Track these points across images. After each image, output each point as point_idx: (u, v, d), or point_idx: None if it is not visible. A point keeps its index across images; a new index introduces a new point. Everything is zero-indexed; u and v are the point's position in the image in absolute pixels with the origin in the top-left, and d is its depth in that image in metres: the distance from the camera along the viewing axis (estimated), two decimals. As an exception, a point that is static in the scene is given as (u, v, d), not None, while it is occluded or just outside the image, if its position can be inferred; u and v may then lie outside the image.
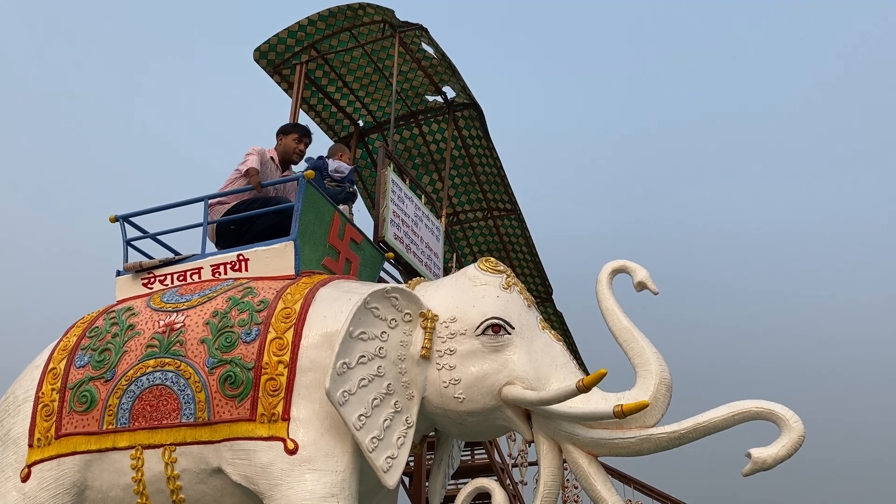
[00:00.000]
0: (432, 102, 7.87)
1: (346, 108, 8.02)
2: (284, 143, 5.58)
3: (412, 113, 7.98)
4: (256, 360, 4.02)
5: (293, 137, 5.59)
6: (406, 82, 7.62)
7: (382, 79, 7.68)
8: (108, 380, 4.31)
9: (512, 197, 8.29)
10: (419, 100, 7.86)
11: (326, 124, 8.17)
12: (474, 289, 4.18)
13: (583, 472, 3.90)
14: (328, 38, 7.24)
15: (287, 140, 5.59)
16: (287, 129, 5.65)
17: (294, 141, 5.59)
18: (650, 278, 4.09)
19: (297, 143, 5.59)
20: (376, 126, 8.22)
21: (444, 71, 7.35)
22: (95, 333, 4.57)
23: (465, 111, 7.70)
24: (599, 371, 3.58)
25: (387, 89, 7.72)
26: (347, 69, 7.61)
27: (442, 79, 7.50)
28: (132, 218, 5.31)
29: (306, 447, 3.83)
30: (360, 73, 7.65)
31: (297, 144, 5.59)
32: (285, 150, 5.55)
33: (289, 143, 5.58)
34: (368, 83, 7.76)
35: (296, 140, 5.59)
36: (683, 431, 3.71)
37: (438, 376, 4.01)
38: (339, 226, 5.09)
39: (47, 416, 4.40)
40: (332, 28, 7.15)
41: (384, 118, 8.07)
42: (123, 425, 4.20)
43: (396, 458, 3.85)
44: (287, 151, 5.55)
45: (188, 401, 4.09)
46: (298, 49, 7.29)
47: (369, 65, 7.54)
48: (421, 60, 7.32)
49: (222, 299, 4.39)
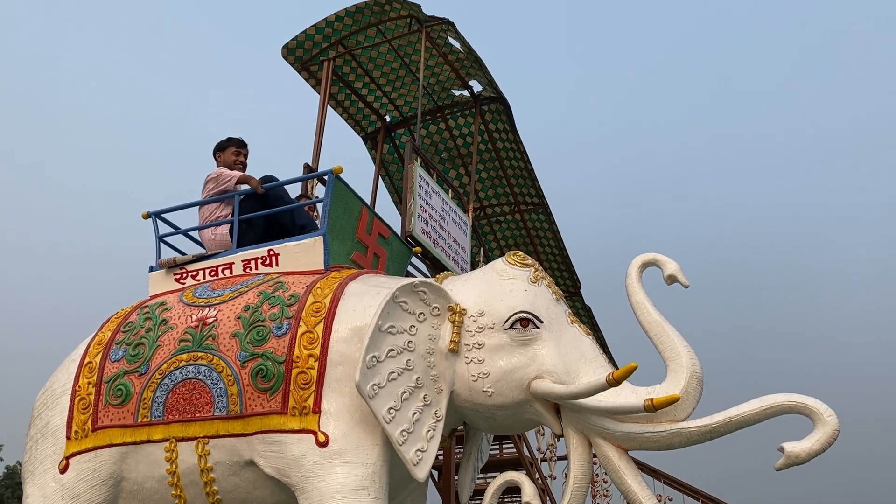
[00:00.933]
0: (459, 97, 7.87)
1: (372, 103, 8.05)
2: (224, 159, 5.54)
3: (439, 107, 7.99)
4: (287, 354, 4.06)
5: (232, 151, 5.54)
6: (432, 77, 7.62)
7: (409, 74, 7.69)
8: (143, 373, 4.38)
9: (539, 191, 8.27)
10: (445, 94, 7.87)
11: (353, 120, 8.20)
12: (502, 283, 4.19)
13: (613, 466, 3.88)
14: (355, 34, 7.26)
15: (226, 155, 5.54)
16: (223, 144, 5.59)
17: (233, 154, 5.54)
18: (680, 271, 4.06)
19: (237, 155, 5.54)
20: (403, 121, 8.23)
21: (471, 65, 7.34)
22: (130, 328, 4.65)
23: (492, 105, 7.69)
24: (629, 365, 3.57)
25: (413, 84, 7.74)
26: (374, 65, 7.63)
27: (468, 73, 7.50)
28: (164, 214, 5.38)
29: (337, 440, 3.87)
30: (387, 69, 7.67)
31: (236, 157, 5.53)
32: (226, 164, 5.50)
33: (228, 157, 5.53)
34: (395, 78, 7.78)
35: (234, 153, 5.54)
36: (715, 425, 3.67)
37: (467, 370, 4.02)
38: (367, 220, 5.12)
39: (84, 409, 4.48)
40: (359, 24, 7.17)
41: (411, 113, 8.08)
42: (158, 418, 4.27)
43: (426, 452, 3.88)
44: (228, 165, 5.49)
45: (221, 394, 4.14)
46: (326, 45, 7.32)
47: (396, 60, 7.55)
48: (447, 55, 7.32)
49: (253, 294, 4.43)
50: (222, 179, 5.29)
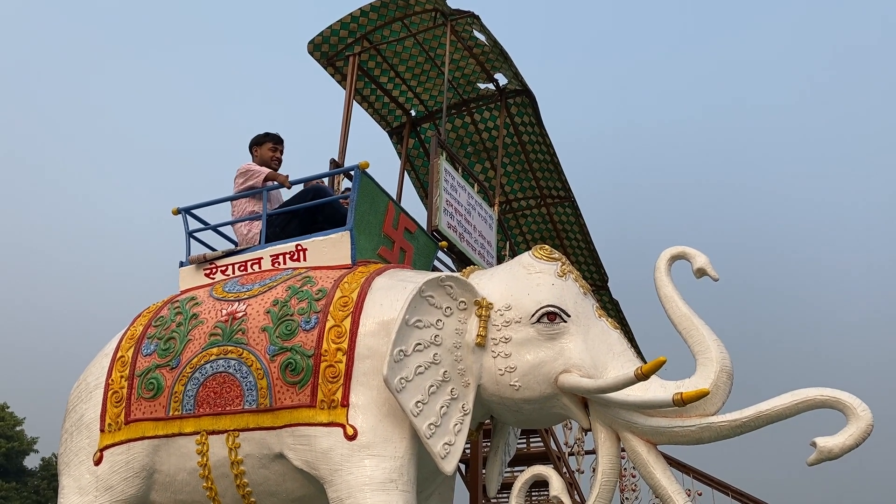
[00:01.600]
0: (484, 90, 7.86)
1: (398, 97, 8.06)
2: (261, 154, 5.58)
3: (464, 101, 7.98)
4: (316, 348, 4.09)
5: (268, 146, 5.58)
6: (458, 70, 7.61)
7: (434, 67, 7.68)
8: (174, 367, 4.44)
9: (566, 184, 8.23)
10: (471, 88, 7.85)
11: (379, 115, 8.22)
12: (529, 277, 4.17)
13: (641, 460, 3.86)
14: (380, 29, 7.28)
15: (263, 150, 5.58)
16: (259, 139, 5.63)
17: (269, 150, 5.57)
18: (710, 264, 4.01)
19: (273, 151, 5.58)
20: (428, 115, 8.24)
21: (496, 58, 7.32)
22: (161, 323, 4.70)
23: (518, 98, 7.67)
24: (658, 359, 3.54)
25: (438, 78, 7.73)
26: (399, 59, 7.63)
27: (494, 66, 7.48)
28: (193, 210, 5.42)
29: (365, 433, 3.89)
30: (412, 63, 7.68)
31: (272, 153, 5.58)
32: (262, 160, 5.55)
33: (265, 152, 5.57)
34: (420, 72, 7.78)
35: (271, 149, 5.58)
36: (745, 420, 3.64)
37: (494, 364, 4.02)
38: (393, 215, 5.13)
39: (117, 403, 4.55)
40: (384, 18, 7.19)
41: (436, 107, 8.08)
42: (189, 411, 4.32)
43: (454, 445, 3.88)
44: (265, 161, 5.54)
45: (250, 387, 4.18)
46: (351, 41, 7.35)
47: (421, 54, 7.55)
48: (472, 48, 7.31)
49: (282, 288, 4.47)
50: (250, 175, 5.33)
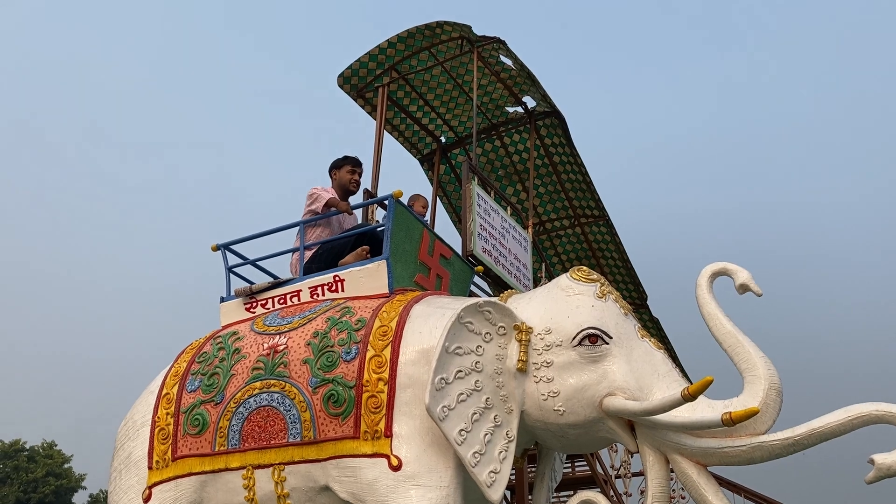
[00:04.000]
0: (513, 114, 7.89)
1: (427, 125, 8.12)
2: (339, 177, 5.65)
3: (493, 125, 8.02)
4: (357, 378, 4.10)
5: (347, 169, 5.64)
6: (486, 95, 7.66)
7: (462, 94, 7.74)
8: (218, 402, 4.47)
9: (599, 203, 8.19)
10: (499, 112, 7.89)
11: (409, 143, 8.29)
12: (568, 299, 4.14)
13: (692, 482, 3.78)
14: (408, 59, 7.36)
15: (341, 173, 5.65)
16: (338, 162, 5.70)
17: (348, 173, 5.63)
18: (752, 280, 3.93)
19: (351, 174, 5.64)
20: (458, 141, 8.29)
21: (524, 81, 7.36)
22: (204, 358, 4.74)
23: (547, 119, 7.69)
24: (705, 379, 3.46)
25: (467, 104, 7.79)
26: (428, 87, 7.71)
27: (522, 89, 7.51)
28: (232, 246, 5.47)
29: (410, 463, 3.88)
30: (441, 91, 7.75)
31: (351, 175, 5.63)
32: (341, 183, 5.62)
33: (343, 175, 5.64)
34: (449, 99, 7.84)
35: (349, 172, 5.64)
36: (798, 438, 3.55)
37: (536, 389, 3.98)
38: (428, 242, 5.15)
39: (164, 440, 4.59)
40: (412, 48, 7.27)
41: (466, 133, 8.13)
42: (234, 446, 4.35)
43: (499, 473, 3.85)
44: (343, 184, 5.61)
45: (294, 420, 4.20)
46: (380, 72, 7.44)
47: (449, 81, 7.62)
48: (500, 73, 7.36)
49: (321, 320, 4.49)
50: (314, 199, 5.41)
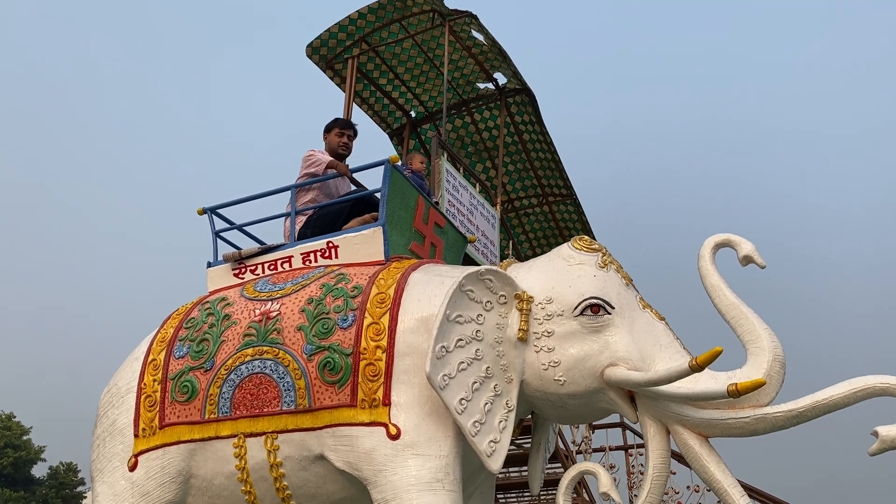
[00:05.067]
0: (483, 90, 7.85)
1: (397, 99, 8.05)
2: (329, 141, 5.52)
3: (463, 101, 7.97)
4: (354, 346, 4.02)
5: (335, 132, 5.50)
6: (457, 70, 7.60)
7: (433, 68, 7.67)
8: (208, 369, 4.36)
9: (567, 182, 8.21)
10: (470, 88, 7.84)
11: (379, 116, 8.21)
12: (569, 268, 4.07)
13: (694, 453, 3.75)
14: (378, 31, 7.27)
15: (331, 136, 5.51)
16: (329, 125, 5.57)
17: (336, 135, 5.49)
18: (756, 252, 3.88)
19: (340, 136, 5.50)
20: (428, 116, 8.22)
21: (495, 57, 7.31)
22: (192, 324, 4.62)
23: (517, 97, 7.66)
24: (714, 349, 3.45)
25: (438, 79, 7.72)
26: (398, 60, 7.62)
27: (493, 65, 7.47)
28: (219, 210, 5.32)
29: (409, 432, 3.82)
30: (411, 64, 7.66)
31: (339, 138, 5.49)
32: (330, 146, 5.49)
33: (332, 139, 5.50)
34: (419, 73, 7.77)
35: (338, 134, 5.50)
36: (801, 410, 3.53)
37: (537, 359, 3.93)
38: (423, 210, 5.06)
39: (150, 407, 4.47)
40: (382, 20, 7.18)
41: (436, 108, 8.07)
42: (225, 414, 4.25)
43: (499, 442, 3.81)
44: (332, 147, 5.47)
45: (288, 388, 4.11)
46: (349, 43, 7.34)
47: (420, 55, 7.54)
48: (471, 48, 7.30)
49: (316, 286, 4.39)
50: (312, 162, 5.25)
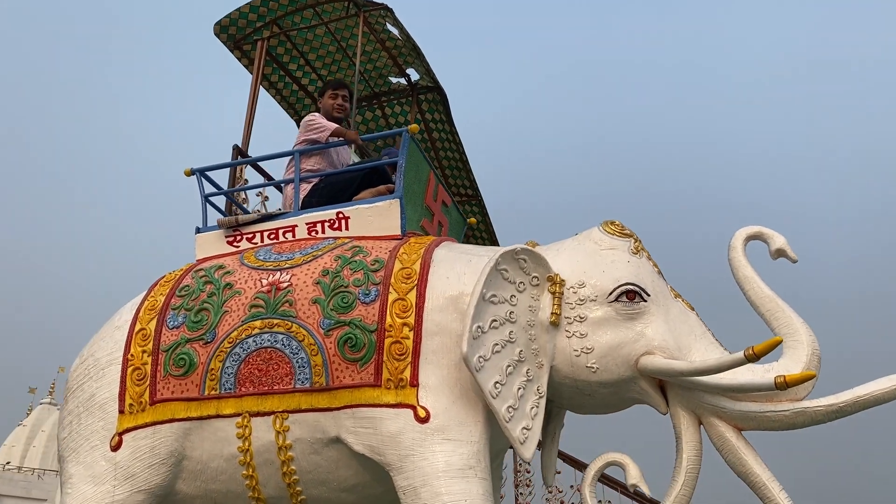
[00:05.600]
0: (396, 84, 7.77)
1: (307, 86, 7.84)
2: (323, 104, 5.22)
3: (375, 94, 7.86)
4: (379, 322, 3.80)
5: (328, 94, 5.19)
6: (369, 63, 7.49)
7: (346, 58, 7.53)
8: (208, 342, 4.04)
9: (474, 183, 8.23)
10: (382, 81, 7.74)
11: (287, 102, 7.99)
12: (602, 252, 3.94)
13: (731, 446, 3.67)
14: (291, 15, 7.05)
15: (324, 100, 5.20)
16: (321, 90, 5.30)
17: (330, 98, 5.18)
18: (788, 245, 3.86)
19: (333, 98, 5.20)
20: (338, 106, 8.08)
21: (409, 53, 7.25)
22: (187, 292, 4.27)
23: (429, 94, 7.62)
24: (773, 339, 3.42)
25: (350, 69, 7.57)
26: (310, 47, 7.43)
27: (406, 61, 7.40)
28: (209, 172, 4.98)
29: (438, 415, 3.63)
30: (323, 52, 7.49)
31: (333, 100, 5.19)
32: (325, 110, 5.19)
33: (326, 102, 5.19)
34: (331, 62, 7.61)
35: (331, 96, 5.20)
36: (842, 405, 3.49)
37: (569, 344, 3.78)
38: (433, 186, 4.85)
39: (139, 380, 4.09)
40: (295, 4, 6.97)
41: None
42: (228, 391, 3.94)
43: (531, 430, 3.67)
44: (327, 110, 5.16)
45: (303, 364, 3.85)
46: (260, 24, 7.07)
47: (332, 43, 7.38)
48: (385, 41, 7.20)
49: (329, 258, 4.14)
50: (313, 127, 4.92)
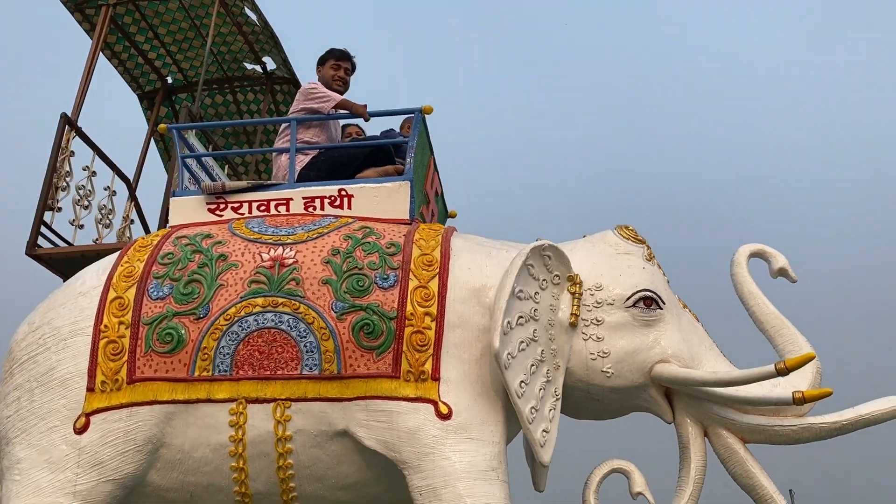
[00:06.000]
0: (250, 71, 7.52)
1: (154, 61, 7.37)
2: (323, 74, 4.84)
3: (227, 78, 7.50)
4: (399, 309, 3.55)
5: (330, 64, 4.82)
6: (224, 45, 7.17)
7: (199, 37, 7.15)
8: (201, 317, 3.62)
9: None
10: (237, 66, 7.41)
11: (130, 75, 7.48)
12: (617, 256, 3.89)
13: (739, 458, 3.71)
14: (142, -16, 6.71)
15: (325, 70, 4.83)
16: (322, 57, 4.89)
17: (332, 68, 4.82)
18: (789, 265, 3.95)
19: (335, 69, 4.84)
20: (187, 86, 7.59)
21: (266, 41, 7.03)
22: (170, 260, 3.80)
23: (284, 86, 7.41)
24: (807, 353, 3.48)
25: (202, 49, 7.26)
26: (161, 20, 7.00)
27: (263, 48, 7.17)
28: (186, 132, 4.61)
29: (461, 413, 3.44)
30: (175, 28, 7.07)
31: (335, 71, 4.82)
32: (324, 80, 4.81)
33: (326, 72, 4.82)
34: (183, 39, 7.20)
35: (333, 67, 4.83)
36: (844, 423, 3.59)
37: (585, 347, 3.70)
38: (432, 173, 4.61)
39: (115, 355, 3.59)
40: (148, -27, 6.64)
41: (196, 78, 7.57)
42: (223, 373, 3.54)
43: (550, 433, 3.56)
44: (326, 81, 4.79)
45: (311, 349, 3.53)
46: (107, -11, 6.69)
47: (186, 20, 7.00)
48: (242, 25, 6.95)
49: (338, 237, 3.83)
50: (315, 96, 4.52)
